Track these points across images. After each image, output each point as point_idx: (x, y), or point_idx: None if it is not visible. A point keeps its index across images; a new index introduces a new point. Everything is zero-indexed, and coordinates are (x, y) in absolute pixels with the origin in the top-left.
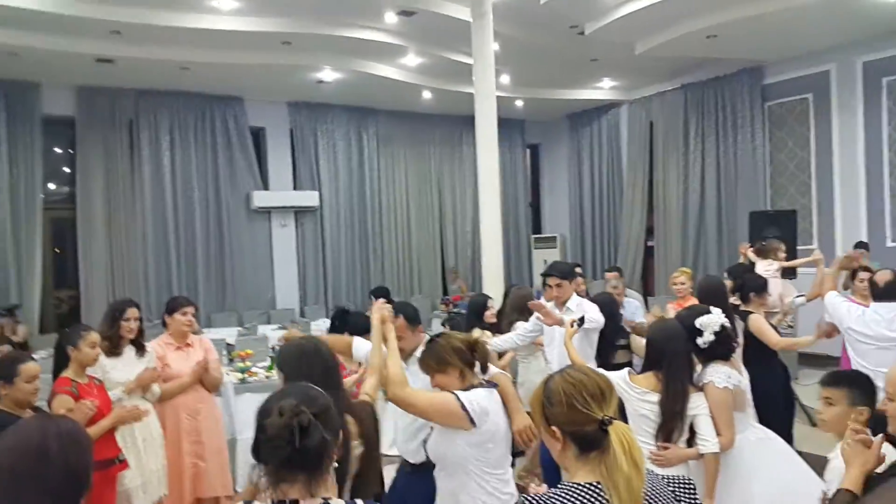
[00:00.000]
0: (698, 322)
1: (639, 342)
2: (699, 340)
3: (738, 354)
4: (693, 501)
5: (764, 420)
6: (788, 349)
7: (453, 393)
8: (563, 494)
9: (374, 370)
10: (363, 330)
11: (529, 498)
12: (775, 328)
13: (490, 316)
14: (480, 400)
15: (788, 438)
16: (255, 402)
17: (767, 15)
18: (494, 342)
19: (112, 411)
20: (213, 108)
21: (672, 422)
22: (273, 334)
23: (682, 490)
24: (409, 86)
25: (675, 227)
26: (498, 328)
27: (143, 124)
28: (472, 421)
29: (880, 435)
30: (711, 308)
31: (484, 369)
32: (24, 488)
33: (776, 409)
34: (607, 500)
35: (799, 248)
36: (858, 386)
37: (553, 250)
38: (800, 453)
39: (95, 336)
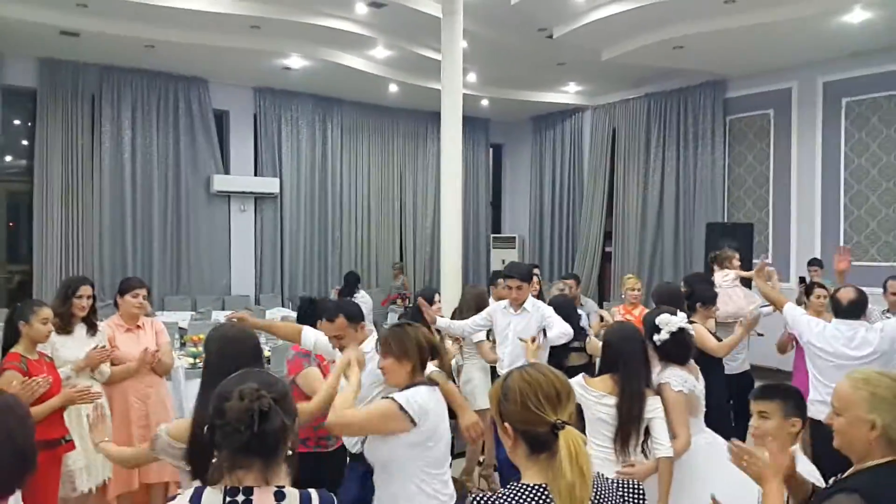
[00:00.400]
0: (658, 319)
1: (595, 344)
2: (655, 337)
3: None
4: None
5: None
6: (728, 351)
7: (389, 397)
8: (510, 495)
9: (325, 393)
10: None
11: (478, 497)
12: (717, 338)
13: (437, 309)
14: (420, 399)
15: None
16: None
17: (734, 30)
18: (442, 323)
19: (61, 391)
20: (177, 89)
21: (629, 425)
22: None
23: (630, 495)
24: (376, 78)
25: (633, 234)
26: None
27: (105, 101)
28: (412, 421)
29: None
30: (678, 311)
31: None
32: None
33: (720, 417)
34: (552, 503)
35: (754, 261)
36: (791, 398)
37: (512, 250)
38: None
39: (48, 312)
